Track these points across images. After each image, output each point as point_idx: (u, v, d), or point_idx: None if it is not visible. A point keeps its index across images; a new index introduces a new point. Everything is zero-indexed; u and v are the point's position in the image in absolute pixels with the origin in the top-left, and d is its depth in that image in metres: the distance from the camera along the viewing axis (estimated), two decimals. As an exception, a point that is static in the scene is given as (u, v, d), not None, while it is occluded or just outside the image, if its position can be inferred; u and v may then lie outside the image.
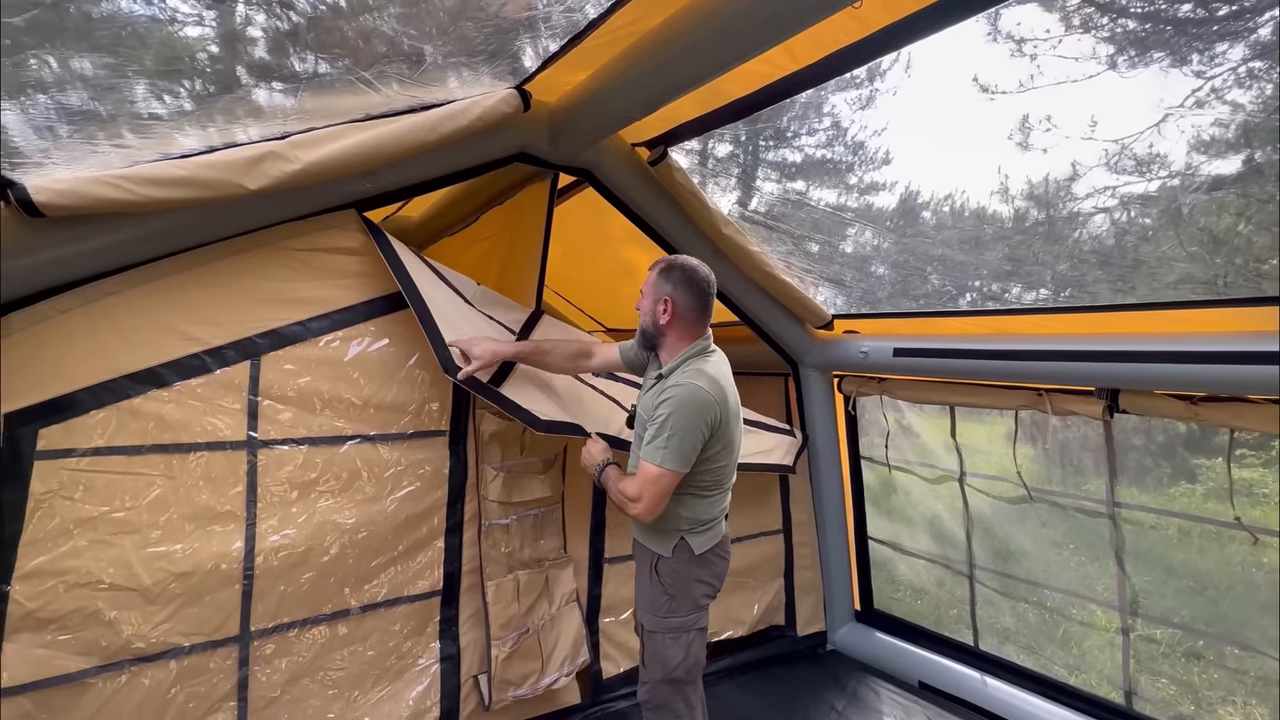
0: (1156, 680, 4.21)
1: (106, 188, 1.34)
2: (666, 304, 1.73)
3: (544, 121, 2.21)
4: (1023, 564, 5.92)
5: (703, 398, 1.62)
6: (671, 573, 1.77)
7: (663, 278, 1.76)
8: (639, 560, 1.89)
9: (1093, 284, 4.24)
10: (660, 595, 1.78)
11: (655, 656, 1.79)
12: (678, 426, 1.59)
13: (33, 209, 1.29)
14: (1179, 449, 7.05)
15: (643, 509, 1.65)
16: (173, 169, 1.44)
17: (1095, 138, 6.20)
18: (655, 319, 1.76)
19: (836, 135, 10.00)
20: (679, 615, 1.77)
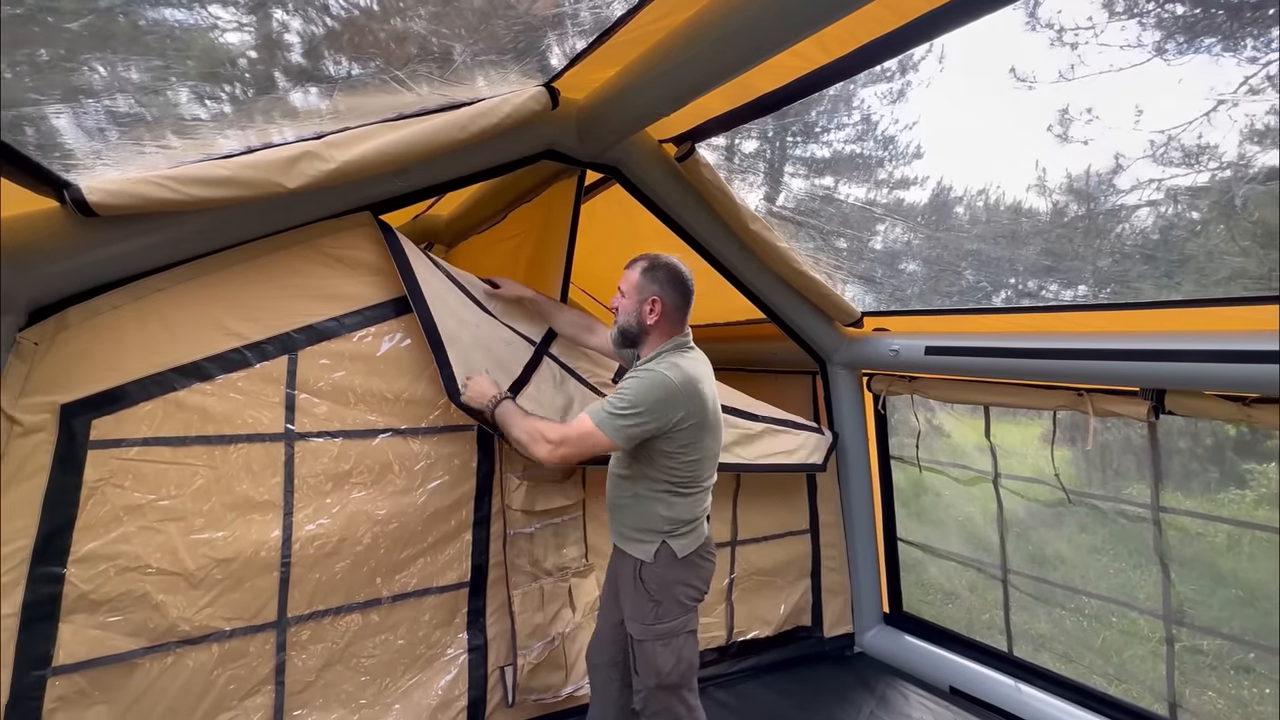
0: (1203, 693, 4.04)
1: (155, 187, 1.40)
2: (654, 303, 1.73)
3: (571, 118, 2.22)
4: (1060, 569, 5.75)
5: (668, 385, 1.60)
6: (656, 578, 1.74)
7: (648, 277, 1.75)
8: (620, 568, 1.84)
9: (1136, 280, 4.08)
10: (646, 603, 1.75)
11: (647, 664, 1.76)
12: (636, 402, 1.58)
13: (86, 209, 1.35)
14: (1228, 453, 6.75)
15: (550, 452, 1.63)
16: (217, 169, 1.49)
17: (1140, 128, 5.97)
18: (641, 318, 1.75)
19: (866, 130, 9.82)
20: (666, 621, 1.74)
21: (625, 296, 1.79)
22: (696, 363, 1.76)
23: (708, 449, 1.74)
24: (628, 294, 1.78)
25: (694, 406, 1.65)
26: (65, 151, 1.36)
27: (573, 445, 1.63)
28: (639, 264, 1.79)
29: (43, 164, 1.24)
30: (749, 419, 2.74)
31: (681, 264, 1.80)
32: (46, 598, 1.50)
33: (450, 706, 2.08)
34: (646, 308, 1.74)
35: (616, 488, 1.82)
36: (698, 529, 1.79)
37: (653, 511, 1.72)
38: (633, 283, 1.77)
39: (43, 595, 1.50)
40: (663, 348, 1.75)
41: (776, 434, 2.82)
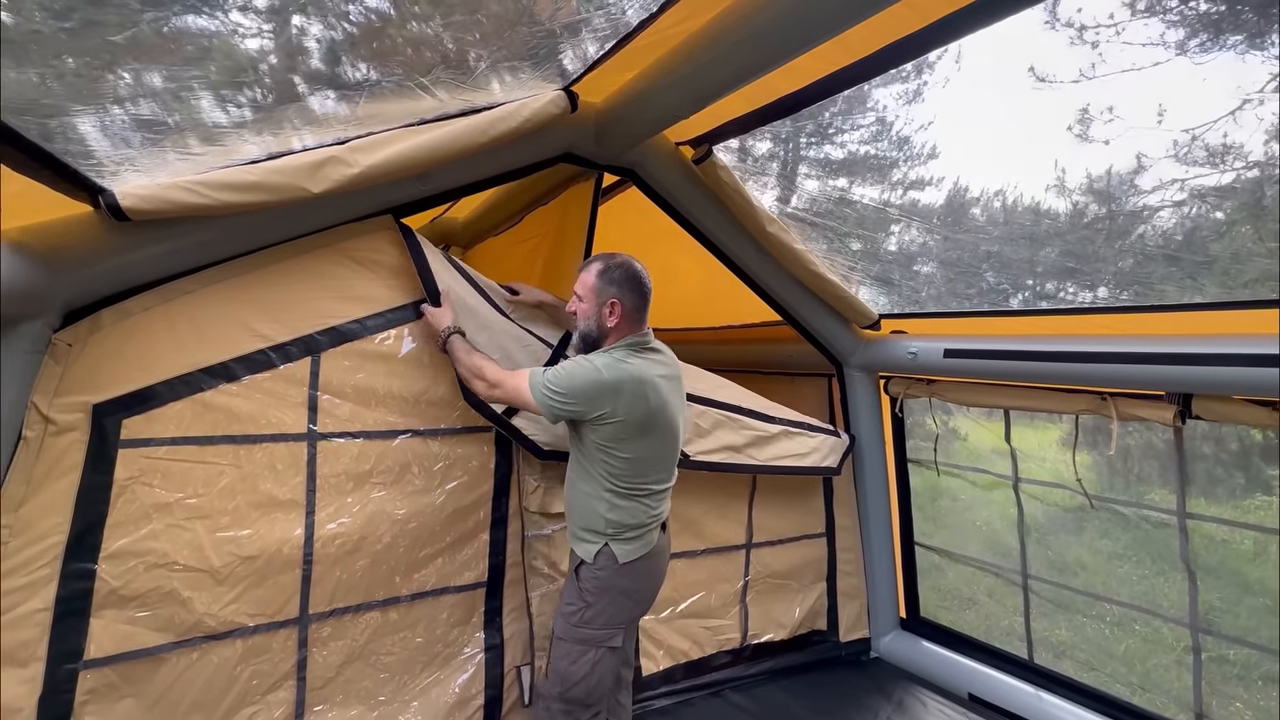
0: (1230, 704, 3.95)
1: (185, 193, 1.43)
2: (613, 306, 1.71)
3: (590, 122, 2.24)
4: (1080, 576, 5.66)
5: (596, 379, 1.61)
6: (592, 579, 1.68)
7: (604, 279, 1.73)
8: (571, 560, 1.83)
9: (1160, 282, 4.01)
10: (575, 600, 1.70)
11: (554, 668, 1.69)
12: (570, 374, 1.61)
13: (119, 213, 1.39)
14: (1254, 458, 6.60)
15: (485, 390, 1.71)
16: (244, 174, 1.52)
17: (1163, 128, 5.87)
18: (601, 322, 1.73)
19: (881, 130, 9.75)
20: (592, 626, 1.67)
21: (583, 300, 1.76)
22: (649, 363, 1.72)
23: (649, 452, 1.69)
24: (585, 298, 1.75)
25: (625, 405, 1.61)
26: (97, 159, 1.40)
27: (505, 392, 1.69)
28: (594, 266, 1.76)
29: (80, 170, 1.28)
30: (764, 420, 2.73)
31: (636, 262, 1.79)
32: (78, 593, 1.53)
33: (467, 705, 2.09)
34: (605, 310, 1.72)
35: (569, 484, 1.81)
36: (645, 536, 1.72)
37: (595, 511, 1.68)
38: (589, 286, 1.74)
39: (75, 590, 1.53)
40: (610, 346, 1.74)
41: (791, 436, 2.80)
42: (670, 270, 3.71)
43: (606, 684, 1.70)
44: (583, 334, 1.77)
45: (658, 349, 1.82)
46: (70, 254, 1.42)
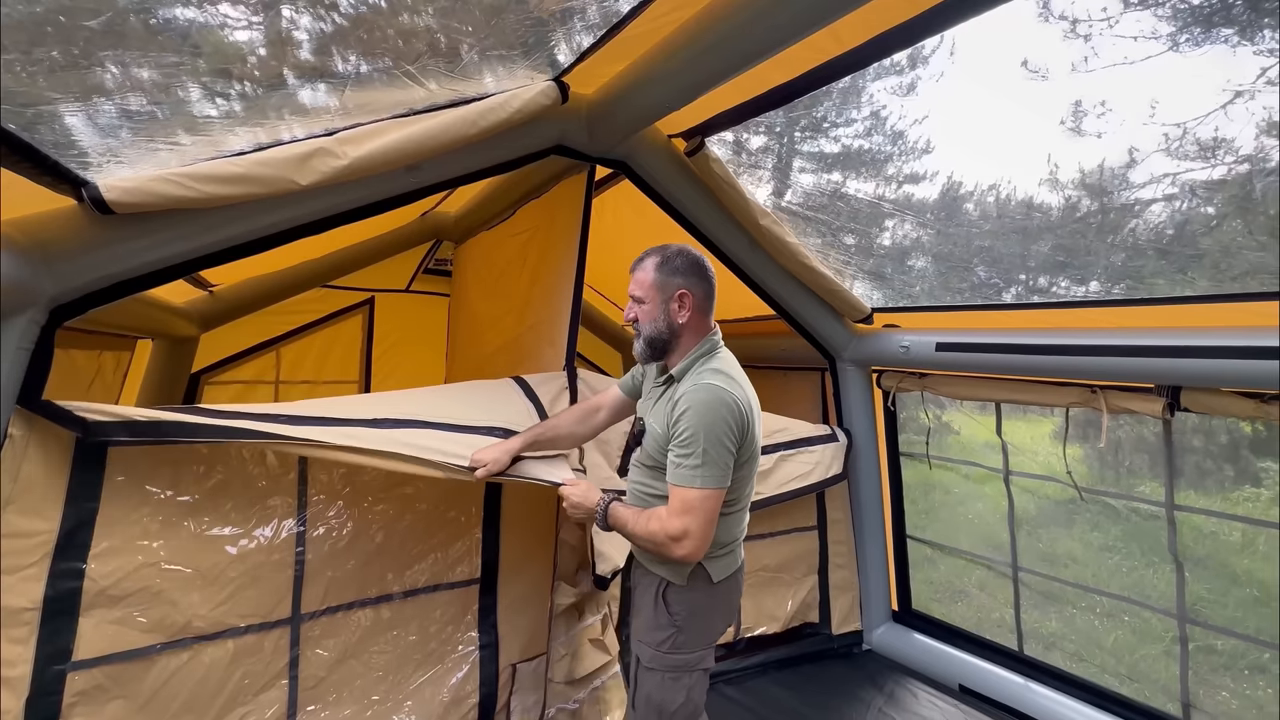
0: (1217, 693, 4.00)
1: (170, 185, 1.41)
2: (683, 298, 1.52)
3: (581, 113, 2.22)
4: (1070, 568, 5.71)
5: (726, 399, 1.40)
6: (684, 602, 1.53)
7: (665, 271, 1.53)
8: (639, 583, 1.64)
9: (1151, 276, 4.04)
10: (666, 627, 1.53)
11: (648, 699, 1.53)
12: (707, 438, 1.37)
13: (104, 206, 1.36)
14: (1243, 451, 6.67)
15: (694, 546, 1.38)
16: (230, 166, 1.50)
17: (1155, 122, 5.89)
18: (671, 320, 1.52)
19: (875, 125, 9.75)
20: (684, 652, 1.52)
21: (645, 302, 1.54)
22: (733, 362, 1.56)
23: (756, 462, 1.55)
24: (647, 298, 1.54)
25: (751, 417, 1.46)
26: (81, 150, 1.37)
27: (697, 526, 1.38)
28: (648, 261, 1.56)
29: (61, 162, 1.25)
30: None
31: (693, 248, 1.61)
32: (67, 593, 1.52)
33: (462, 704, 2.09)
34: (674, 306, 1.52)
35: (644, 506, 1.58)
36: (735, 551, 1.59)
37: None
38: (650, 283, 1.53)
39: (63, 590, 1.51)
40: (693, 353, 1.54)
41: (789, 459, 2.77)
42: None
43: (701, 706, 1.59)
44: (650, 339, 1.55)
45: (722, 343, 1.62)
46: (54, 248, 1.40)
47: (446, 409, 1.88)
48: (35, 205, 1.38)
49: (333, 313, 4.20)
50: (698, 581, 1.53)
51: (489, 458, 1.69)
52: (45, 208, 1.39)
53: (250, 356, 3.89)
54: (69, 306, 1.46)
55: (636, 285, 1.57)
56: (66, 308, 1.46)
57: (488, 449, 1.73)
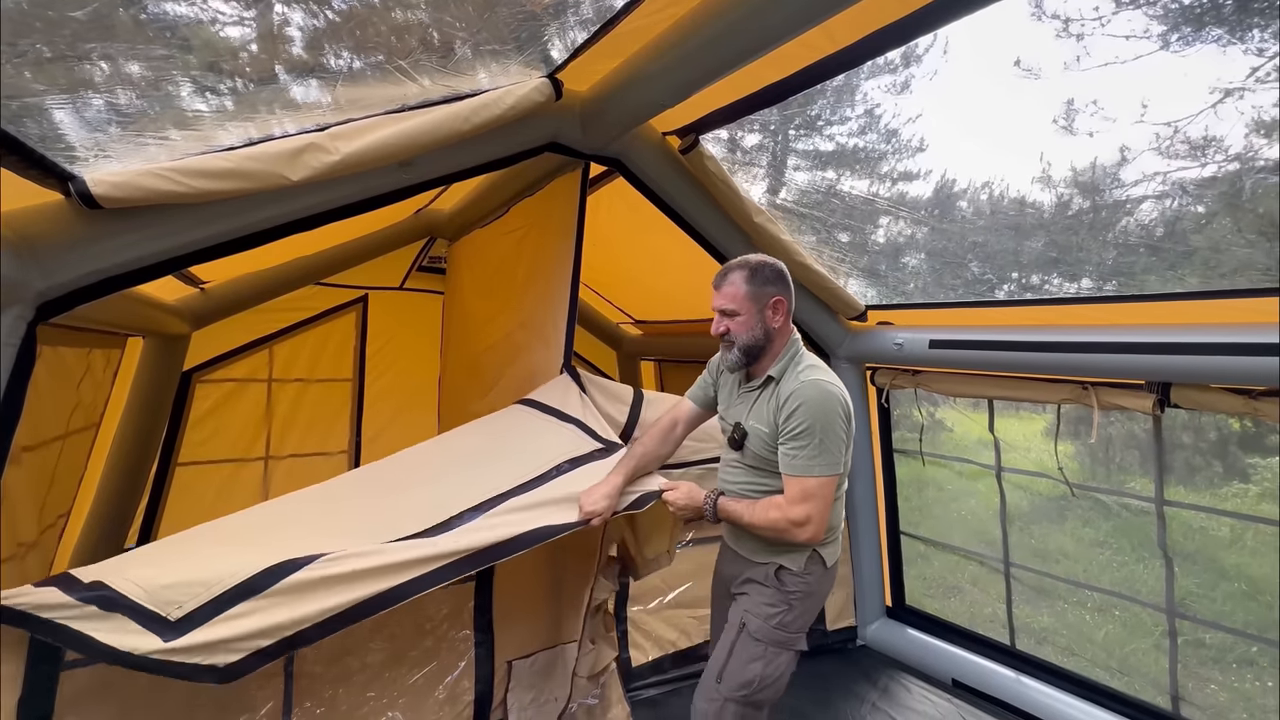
0: (1206, 686, 4.05)
1: (158, 180, 1.40)
2: (778, 304, 1.62)
3: (575, 110, 2.21)
4: (1062, 563, 5.75)
5: (835, 393, 1.52)
6: (801, 583, 1.62)
7: (757, 282, 1.61)
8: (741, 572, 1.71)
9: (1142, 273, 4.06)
10: (779, 603, 1.61)
11: (742, 670, 1.59)
12: (824, 429, 1.49)
13: (91, 201, 1.35)
14: (1231, 447, 6.74)
15: (815, 529, 1.51)
16: (219, 161, 1.49)
17: (1146, 120, 5.93)
18: (768, 326, 1.62)
19: (870, 123, 9.77)
20: (789, 630, 1.61)
21: (739, 314, 1.62)
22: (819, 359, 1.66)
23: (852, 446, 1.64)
24: (741, 310, 1.62)
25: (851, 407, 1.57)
26: (68, 145, 1.36)
27: (817, 510, 1.50)
28: (736, 274, 1.64)
29: (47, 156, 1.24)
30: None
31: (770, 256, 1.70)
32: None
33: (457, 700, 2.09)
34: (769, 313, 1.62)
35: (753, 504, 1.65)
36: (840, 538, 1.70)
37: None
38: (742, 295, 1.62)
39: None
40: (786, 354, 1.64)
41: None
42: (658, 262, 3.71)
43: (784, 689, 1.65)
44: (747, 348, 1.63)
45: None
46: (41, 244, 1.38)
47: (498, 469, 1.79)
48: (22, 200, 1.37)
49: (326, 310, 4.17)
50: (813, 565, 1.63)
51: (601, 506, 1.64)
52: (32, 202, 1.38)
53: (243, 354, 3.86)
54: (56, 302, 1.45)
55: (727, 299, 1.64)
56: (54, 304, 1.45)
57: (596, 497, 1.67)
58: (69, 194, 1.35)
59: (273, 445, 3.95)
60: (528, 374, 2.83)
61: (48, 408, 2.25)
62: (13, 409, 1.39)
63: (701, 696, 1.64)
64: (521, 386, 2.86)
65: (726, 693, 1.59)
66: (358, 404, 4.29)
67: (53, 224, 1.39)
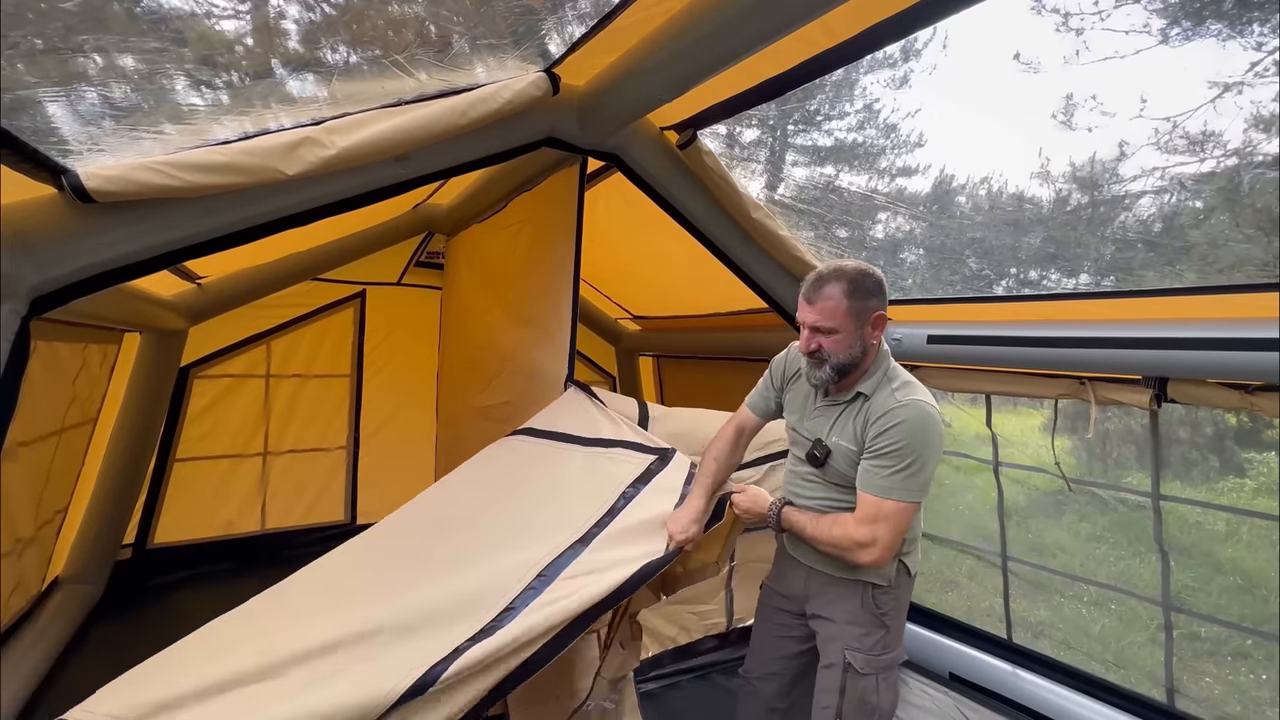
0: (1201, 679, 4.07)
1: (152, 174, 1.39)
2: (878, 320, 1.49)
3: (572, 105, 2.20)
4: (1059, 558, 5.78)
5: (935, 416, 1.42)
6: (892, 600, 1.55)
7: (858, 297, 1.46)
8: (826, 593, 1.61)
9: (1140, 268, 4.07)
10: (875, 629, 1.55)
11: (862, 703, 1.51)
12: (918, 455, 1.39)
13: (84, 195, 1.34)
14: (1228, 442, 6.76)
15: (879, 554, 1.41)
16: (214, 155, 1.48)
17: (1145, 116, 5.93)
18: (865, 342, 1.49)
19: (869, 118, 9.75)
20: (891, 651, 1.55)
21: (838, 332, 1.47)
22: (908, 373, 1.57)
23: None
24: (840, 328, 1.47)
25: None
26: (61, 138, 1.35)
27: (888, 534, 1.40)
28: (834, 286, 1.48)
29: (39, 150, 1.23)
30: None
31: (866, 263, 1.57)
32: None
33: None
34: (869, 329, 1.48)
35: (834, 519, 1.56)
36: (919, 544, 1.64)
37: None
38: (842, 311, 1.46)
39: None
40: (878, 370, 1.53)
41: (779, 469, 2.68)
42: (656, 258, 3.70)
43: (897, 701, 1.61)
44: (842, 366, 1.50)
45: None
46: (34, 238, 1.37)
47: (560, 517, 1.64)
48: (14, 194, 1.36)
49: (323, 306, 4.16)
50: (901, 578, 1.57)
51: (693, 533, 1.59)
52: (24, 197, 1.37)
53: (240, 350, 3.85)
54: (50, 297, 1.44)
55: (823, 315, 1.48)
56: (48, 298, 1.44)
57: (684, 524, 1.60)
58: (62, 188, 1.34)
59: (271, 441, 3.95)
60: (529, 372, 2.83)
61: (43, 403, 2.25)
62: (6, 404, 1.39)
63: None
64: (523, 386, 2.85)
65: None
66: (356, 399, 4.29)
67: (46, 218, 1.38)
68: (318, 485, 4.11)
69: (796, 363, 1.71)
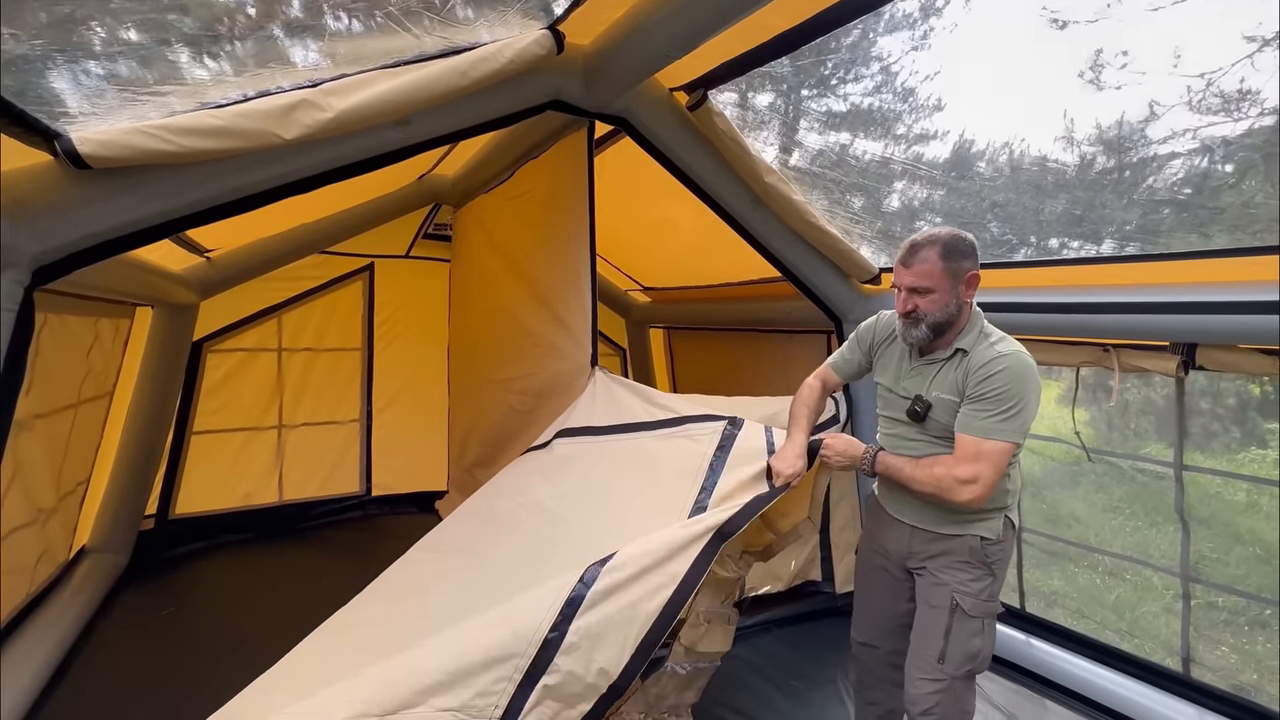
0: (1216, 648, 4.06)
1: (147, 138, 1.36)
2: (972, 279, 1.56)
3: (578, 65, 2.13)
4: (1074, 528, 5.74)
5: (1034, 364, 1.51)
6: (999, 550, 1.63)
7: (953, 259, 1.54)
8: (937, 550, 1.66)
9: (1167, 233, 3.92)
10: (985, 576, 1.62)
11: (964, 648, 1.59)
12: (1021, 398, 1.47)
13: (79, 160, 1.31)
14: (1250, 413, 6.62)
15: (980, 491, 1.48)
16: (209, 119, 1.44)
17: (1177, 73, 5.65)
18: (960, 301, 1.57)
19: (885, 81, 9.41)
20: (994, 599, 1.64)
21: (934, 291, 1.55)
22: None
23: None
24: (937, 288, 1.55)
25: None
26: (53, 101, 1.32)
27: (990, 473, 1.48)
28: (930, 250, 1.55)
29: (28, 113, 1.20)
30: None
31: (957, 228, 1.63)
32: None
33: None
34: (963, 288, 1.56)
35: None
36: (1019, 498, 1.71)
37: (1001, 488, 1.59)
38: (938, 273, 1.54)
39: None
40: (974, 327, 1.60)
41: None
42: (666, 227, 3.63)
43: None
44: (938, 324, 1.58)
45: None
46: (31, 205, 1.35)
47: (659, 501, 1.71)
48: (9, 162, 1.33)
49: (332, 279, 4.15)
50: (1008, 531, 1.64)
51: (799, 466, 1.70)
52: (20, 164, 1.35)
53: (251, 324, 3.87)
54: (53, 267, 1.43)
55: (920, 276, 1.56)
56: (50, 268, 1.43)
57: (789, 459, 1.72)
58: (56, 154, 1.32)
59: (285, 414, 3.99)
60: (547, 346, 2.81)
61: (57, 376, 2.27)
62: (14, 374, 1.39)
63: (923, 677, 1.62)
64: (542, 361, 2.82)
65: (952, 671, 1.59)
66: (367, 373, 4.31)
67: (42, 186, 1.36)
68: (332, 458, 4.16)
69: (888, 328, 1.80)
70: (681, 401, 2.22)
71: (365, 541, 3.78)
